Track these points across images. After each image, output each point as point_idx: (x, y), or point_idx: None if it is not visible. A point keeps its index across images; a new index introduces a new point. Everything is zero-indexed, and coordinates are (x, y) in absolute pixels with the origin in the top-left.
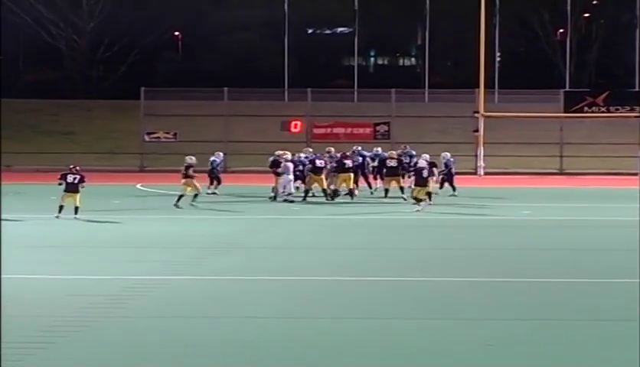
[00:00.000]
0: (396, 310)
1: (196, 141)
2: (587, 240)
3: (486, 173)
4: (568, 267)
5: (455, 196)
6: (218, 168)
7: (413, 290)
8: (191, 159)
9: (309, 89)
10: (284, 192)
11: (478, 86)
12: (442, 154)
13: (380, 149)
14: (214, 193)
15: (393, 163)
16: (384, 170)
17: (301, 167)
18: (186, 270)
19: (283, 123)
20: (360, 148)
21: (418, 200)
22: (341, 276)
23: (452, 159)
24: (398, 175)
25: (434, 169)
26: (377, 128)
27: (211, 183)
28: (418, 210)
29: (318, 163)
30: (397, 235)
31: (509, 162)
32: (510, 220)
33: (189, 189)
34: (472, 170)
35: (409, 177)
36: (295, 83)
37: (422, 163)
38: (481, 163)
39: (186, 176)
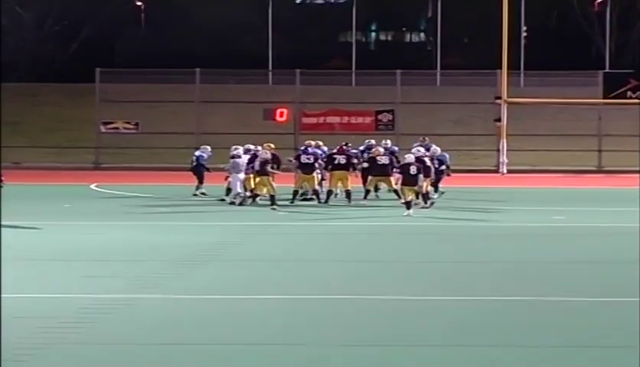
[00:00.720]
0: (399, 335)
1: (162, 133)
2: (633, 251)
3: (509, 171)
4: (613, 283)
5: (433, 200)
6: (205, 165)
7: (422, 311)
8: (267, 153)
9: (298, 71)
10: (239, 194)
11: (501, 67)
12: (433, 148)
13: (389, 142)
14: (203, 194)
15: (384, 160)
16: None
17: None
18: (153, 287)
19: (267, 111)
20: (349, 145)
21: (407, 203)
22: (333, 294)
23: (445, 154)
24: (388, 175)
25: (429, 165)
26: (380, 117)
27: (200, 182)
28: (409, 215)
29: (304, 158)
30: (400, 244)
31: (537, 158)
32: (539, 228)
33: (265, 189)
34: (494, 168)
35: (397, 174)
36: (281, 64)
37: (410, 157)
38: (503, 159)
39: (263, 173)
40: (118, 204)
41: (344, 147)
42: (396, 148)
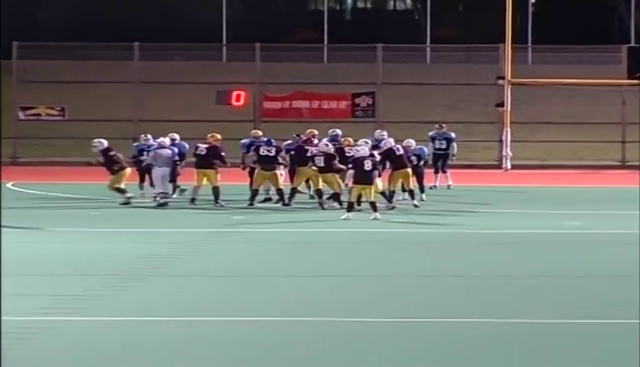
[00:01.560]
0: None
1: (93, 121)
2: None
3: (514, 167)
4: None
5: (417, 205)
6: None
7: (397, 336)
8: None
9: (258, 45)
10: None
11: (504, 41)
12: (406, 142)
13: (385, 133)
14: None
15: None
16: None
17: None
18: (81, 308)
19: (220, 94)
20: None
21: (350, 205)
22: (297, 315)
23: (424, 148)
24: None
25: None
26: (357, 100)
27: (142, 181)
28: (351, 218)
29: (263, 150)
30: (379, 255)
31: (547, 151)
32: (550, 235)
33: (336, 185)
34: (495, 162)
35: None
36: (238, 36)
37: (363, 150)
38: (507, 152)
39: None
40: (39, 206)
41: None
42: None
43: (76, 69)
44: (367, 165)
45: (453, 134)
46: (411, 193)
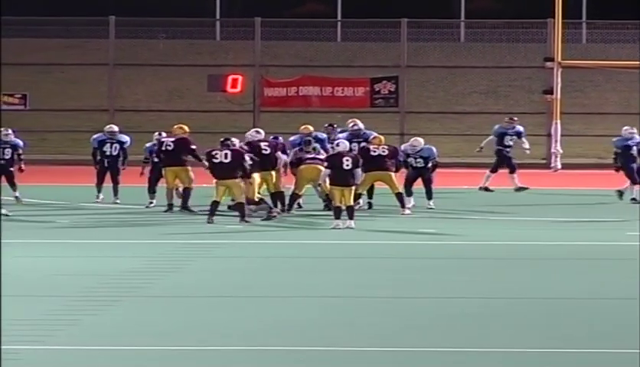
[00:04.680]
0: None
1: (60, 110)
2: None
3: (565, 166)
4: None
5: (431, 207)
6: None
7: None
8: None
9: (258, 20)
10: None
11: (554, 16)
12: (412, 140)
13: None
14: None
15: (380, 150)
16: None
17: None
18: (41, 335)
19: (213, 78)
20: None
21: (337, 210)
22: (290, 344)
23: (432, 148)
24: (387, 169)
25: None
26: (376, 86)
27: (101, 181)
28: (344, 227)
29: (264, 147)
30: (394, 273)
31: (606, 147)
32: (607, 248)
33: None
34: (542, 161)
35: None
36: (233, 10)
37: (342, 145)
38: (557, 148)
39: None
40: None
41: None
42: (373, 134)
43: (39, 48)
44: (346, 163)
45: (521, 128)
46: (399, 196)
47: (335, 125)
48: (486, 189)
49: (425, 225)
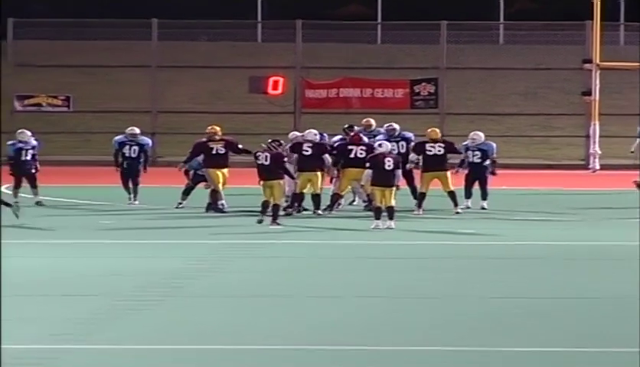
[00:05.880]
0: None
1: (103, 112)
2: None
3: (604, 167)
4: None
5: (484, 208)
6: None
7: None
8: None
9: (299, 22)
10: None
11: (592, 18)
12: (473, 134)
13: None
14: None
15: (436, 150)
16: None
17: None
18: (86, 334)
19: (254, 80)
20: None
21: (377, 210)
22: (321, 344)
23: (494, 144)
24: (444, 168)
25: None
26: (416, 88)
27: (126, 182)
28: (384, 228)
29: (306, 149)
30: (444, 273)
31: None
32: None
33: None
34: (581, 162)
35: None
36: (275, 12)
37: (384, 146)
38: (595, 149)
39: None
40: (38, 214)
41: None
42: (410, 135)
43: (83, 51)
44: (388, 164)
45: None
46: (452, 195)
47: (355, 127)
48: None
49: (464, 225)
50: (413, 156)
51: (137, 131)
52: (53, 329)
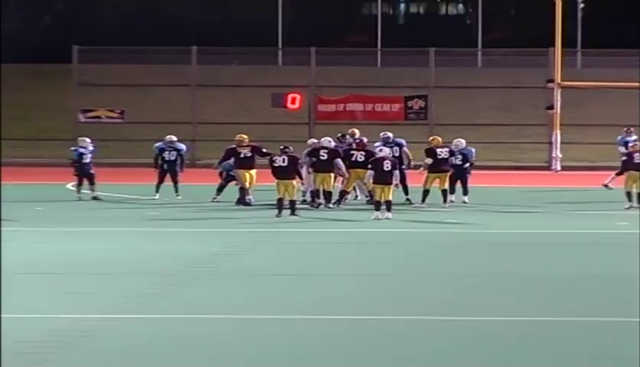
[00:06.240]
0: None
1: (152, 123)
2: None
3: (564, 168)
4: None
5: (466, 202)
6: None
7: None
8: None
9: (313, 49)
10: None
11: (554, 45)
12: (456, 141)
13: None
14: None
15: (444, 154)
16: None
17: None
18: (140, 305)
19: (276, 96)
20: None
21: (377, 204)
22: (345, 314)
23: (473, 150)
24: (447, 170)
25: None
26: (409, 103)
27: (160, 182)
28: (378, 218)
29: (322, 153)
30: (431, 256)
31: (598, 153)
32: (599, 235)
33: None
34: (544, 164)
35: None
36: (293, 40)
37: (383, 152)
38: (557, 153)
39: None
40: (99, 207)
41: (341, 138)
42: (402, 141)
43: (135, 72)
44: (387, 165)
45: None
46: (444, 192)
47: (347, 135)
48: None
49: (450, 216)
50: (428, 160)
51: (174, 138)
52: (112, 302)
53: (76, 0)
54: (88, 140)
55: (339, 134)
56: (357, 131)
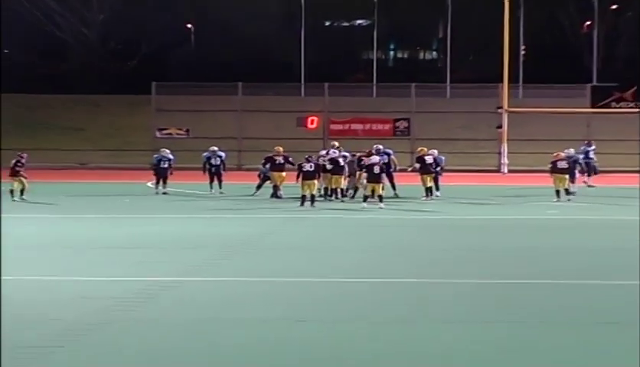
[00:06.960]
0: (413, 313)
1: (209, 138)
2: (602, 241)
3: (510, 171)
4: (580, 267)
5: (438, 196)
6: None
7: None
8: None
9: (326, 84)
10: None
11: (502, 81)
12: (375, 147)
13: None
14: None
15: (430, 160)
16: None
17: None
18: (199, 271)
19: (299, 119)
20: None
21: (365, 198)
22: (354, 277)
23: (443, 158)
24: (433, 172)
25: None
26: (397, 124)
27: (211, 181)
28: (377, 208)
29: (340, 161)
30: (415, 235)
31: (535, 159)
32: (533, 220)
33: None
34: (495, 168)
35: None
36: (312, 77)
37: (374, 159)
38: (504, 160)
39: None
40: (170, 200)
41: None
42: (390, 151)
43: (197, 101)
44: (376, 169)
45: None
46: (428, 189)
47: (337, 145)
48: (589, 186)
49: (427, 207)
50: (416, 164)
51: (216, 148)
52: (180, 269)
53: (154, 48)
54: (168, 150)
55: (336, 144)
56: (336, 143)
